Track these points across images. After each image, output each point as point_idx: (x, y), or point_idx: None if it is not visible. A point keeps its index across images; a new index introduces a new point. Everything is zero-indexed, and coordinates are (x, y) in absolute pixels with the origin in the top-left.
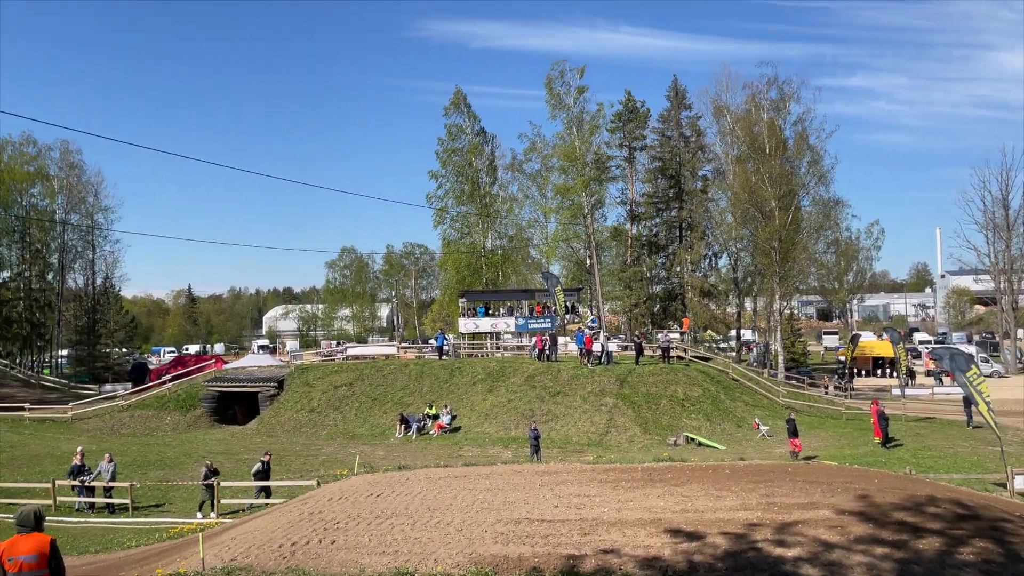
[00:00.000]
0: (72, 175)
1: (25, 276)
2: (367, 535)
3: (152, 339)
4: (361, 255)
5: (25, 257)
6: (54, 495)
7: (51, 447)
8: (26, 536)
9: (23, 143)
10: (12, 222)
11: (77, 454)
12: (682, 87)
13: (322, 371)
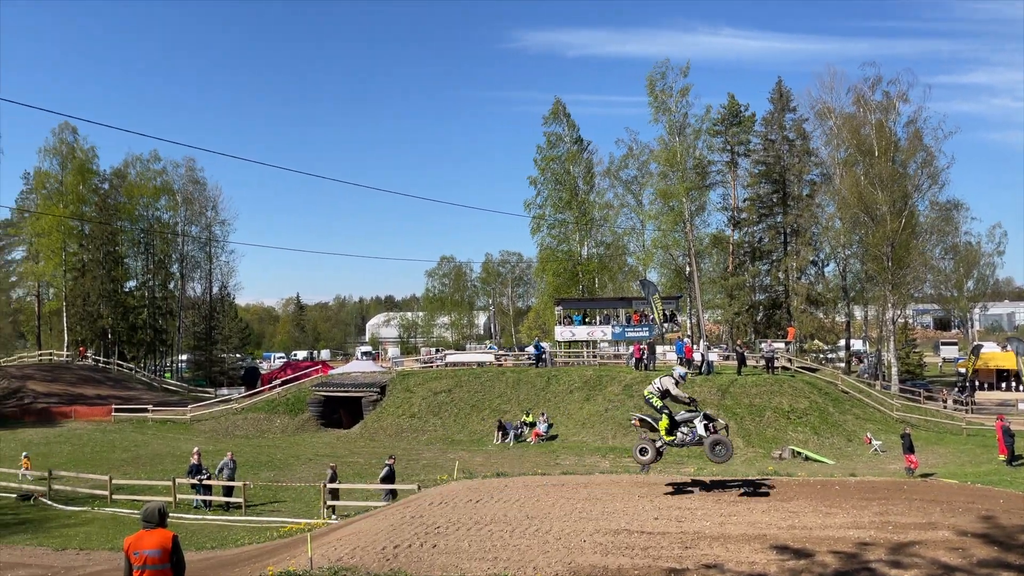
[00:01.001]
0: (194, 190)
1: (149, 285)
2: (467, 540)
3: (263, 345)
4: (459, 264)
5: (149, 267)
6: (174, 492)
7: (172, 447)
8: (151, 532)
9: (151, 160)
10: (138, 234)
11: (194, 454)
12: (786, 89)
13: (422, 377)
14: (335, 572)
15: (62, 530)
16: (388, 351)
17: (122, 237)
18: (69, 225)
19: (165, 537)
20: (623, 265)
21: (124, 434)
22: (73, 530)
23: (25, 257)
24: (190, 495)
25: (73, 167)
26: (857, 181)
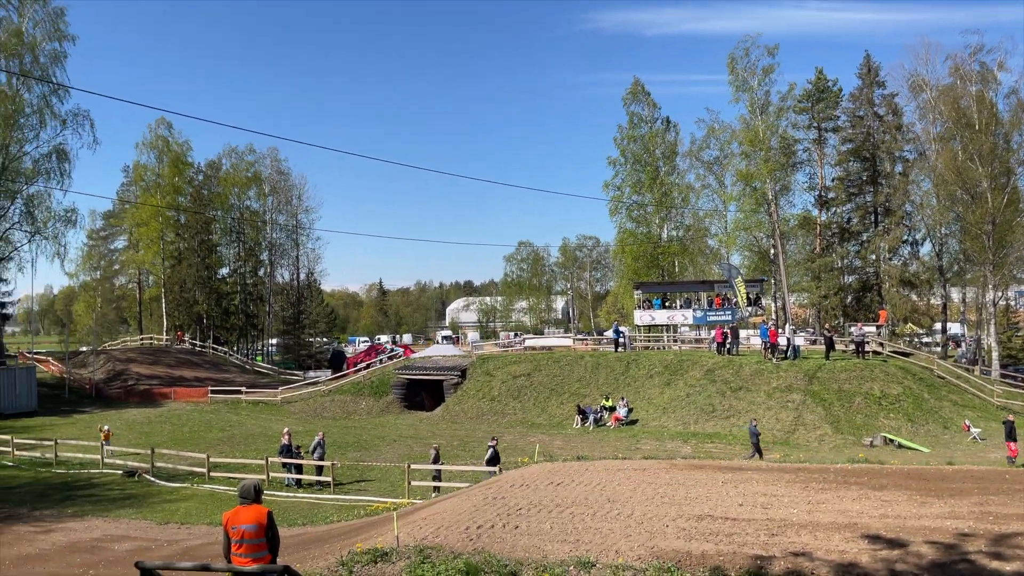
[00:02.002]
0: (280, 179)
1: (241, 272)
2: (548, 523)
3: (348, 329)
4: (537, 248)
5: (240, 254)
6: (267, 471)
7: (264, 427)
8: (247, 507)
9: (244, 152)
10: (231, 223)
11: (285, 434)
12: (875, 63)
13: (501, 361)
14: (420, 550)
15: (164, 505)
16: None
17: (215, 226)
18: (166, 215)
19: (261, 513)
20: (704, 248)
21: (220, 415)
22: (174, 505)
23: (127, 246)
24: (282, 473)
25: (169, 160)
26: (955, 156)
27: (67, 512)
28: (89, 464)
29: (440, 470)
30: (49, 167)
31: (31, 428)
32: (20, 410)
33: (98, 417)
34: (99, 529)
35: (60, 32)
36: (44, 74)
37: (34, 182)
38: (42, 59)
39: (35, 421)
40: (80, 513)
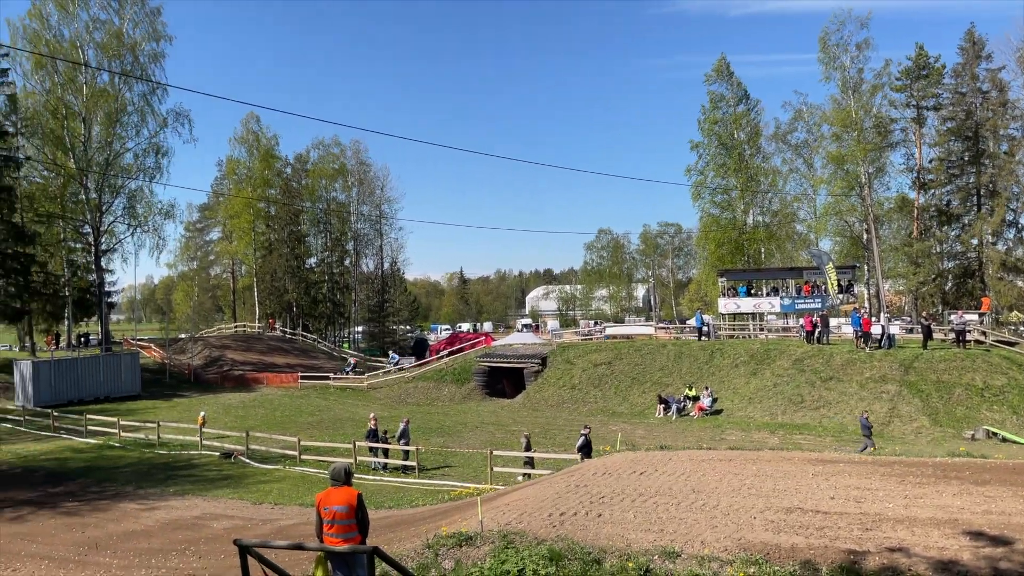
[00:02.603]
0: (363, 171)
1: (328, 261)
2: (632, 512)
3: (430, 317)
4: (617, 236)
5: (327, 244)
6: (355, 455)
7: (351, 412)
8: (338, 489)
9: (331, 145)
10: (318, 214)
11: (372, 420)
12: (979, 36)
13: (581, 350)
14: (504, 535)
15: (258, 486)
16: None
17: (303, 217)
18: (257, 207)
19: (351, 495)
20: (792, 233)
21: (309, 399)
22: (268, 486)
23: (221, 237)
24: (369, 457)
25: (259, 154)
26: None
27: (169, 491)
28: (189, 446)
29: (532, 457)
30: (149, 163)
31: (135, 411)
32: (125, 394)
33: (196, 401)
34: (199, 508)
35: (158, 32)
36: (144, 73)
37: (135, 178)
38: (142, 59)
39: (139, 404)
40: (181, 492)
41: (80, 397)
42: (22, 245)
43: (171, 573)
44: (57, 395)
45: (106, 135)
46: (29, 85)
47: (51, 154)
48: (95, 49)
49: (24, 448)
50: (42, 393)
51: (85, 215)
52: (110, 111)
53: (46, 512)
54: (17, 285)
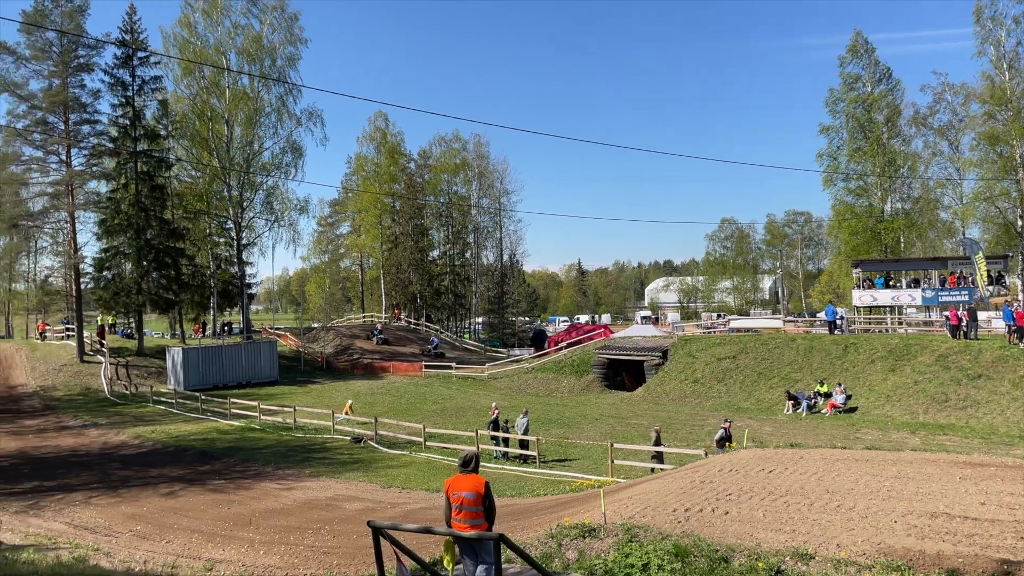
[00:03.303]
0: (483, 164)
1: (450, 254)
2: (760, 510)
3: (548, 309)
4: (741, 225)
5: (449, 237)
6: (477, 443)
7: (472, 401)
8: (467, 475)
9: (452, 140)
10: (440, 208)
11: (493, 409)
12: None
13: (704, 343)
14: (628, 529)
15: (387, 470)
16: (668, 316)
17: (427, 211)
18: (384, 202)
19: (479, 482)
20: (934, 221)
21: (433, 388)
22: (395, 471)
23: (350, 231)
24: (490, 446)
25: (386, 150)
26: None
27: (305, 472)
28: (322, 430)
29: (661, 452)
30: (285, 161)
31: (273, 396)
32: (264, 379)
33: (328, 387)
34: (332, 489)
35: (295, 36)
36: (281, 76)
37: (272, 175)
38: (279, 62)
39: (276, 389)
40: (316, 474)
41: (224, 382)
42: (173, 240)
43: (308, 550)
44: (204, 380)
45: (246, 135)
46: (179, 90)
47: (197, 154)
48: (236, 54)
49: (176, 428)
50: (191, 378)
51: (228, 211)
52: (250, 112)
53: (195, 488)
54: (168, 277)
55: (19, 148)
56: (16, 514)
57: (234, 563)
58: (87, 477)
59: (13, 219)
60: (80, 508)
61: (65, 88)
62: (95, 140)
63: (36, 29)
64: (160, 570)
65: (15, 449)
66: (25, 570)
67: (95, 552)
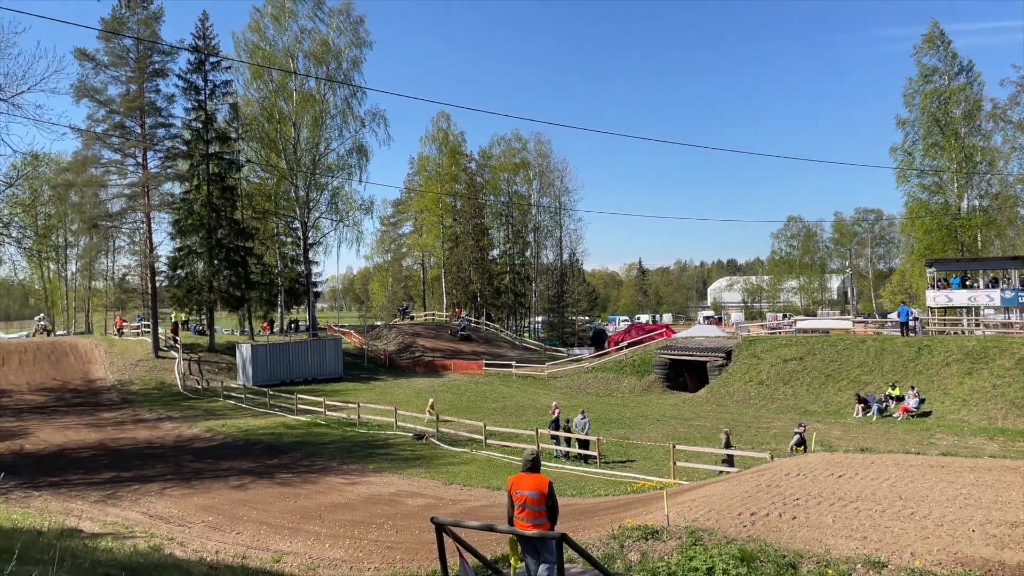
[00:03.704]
0: (544, 164)
1: (509, 253)
2: (830, 516)
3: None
4: (808, 224)
5: (509, 236)
6: (537, 442)
7: (532, 400)
8: (529, 474)
9: (512, 140)
10: (500, 207)
11: (553, 409)
12: None
13: (770, 344)
14: (692, 532)
15: (448, 467)
16: (731, 316)
17: (487, 210)
18: (445, 202)
19: (542, 481)
20: (1014, 218)
21: (493, 386)
22: (456, 468)
23: (412, 231)
24: (550, 445)
25: (447, 151)
26: None
27: (369, 468)
28: (385, 426)
29: (732, 455)
30: (350, 162)
31: (338, 392)
32: (329, 376)
33: (391, 384)
34: (395, 485)
35: (360, 39)
36: (346, 78)
37: (338, 176)
38: (344, 65)
39: (341, 386)
40: (379, 469)
41: (291, 378)
42: (242, 240)
43: (372, 544)
44: (272, 376)
45: (313, 137)
46: (248, 94)
47: (266, 156)
48: (304, 57)
49: (245, 423)
50: (259, 374)
51: (295, 211)
52: (316, 115)
53: (264, 481)
54: (238, 276)
55: (99, 151)
56: (95, 503)
57: (301, 555)
58: (162, 468)
59: (93, 219)
60: (155, 498)
61: (141, 93)
62: (169, 143)
63: (114, 36)
64: (231, 560)
65: (95, 441)
66: (104, 557)
67: (169, 541)
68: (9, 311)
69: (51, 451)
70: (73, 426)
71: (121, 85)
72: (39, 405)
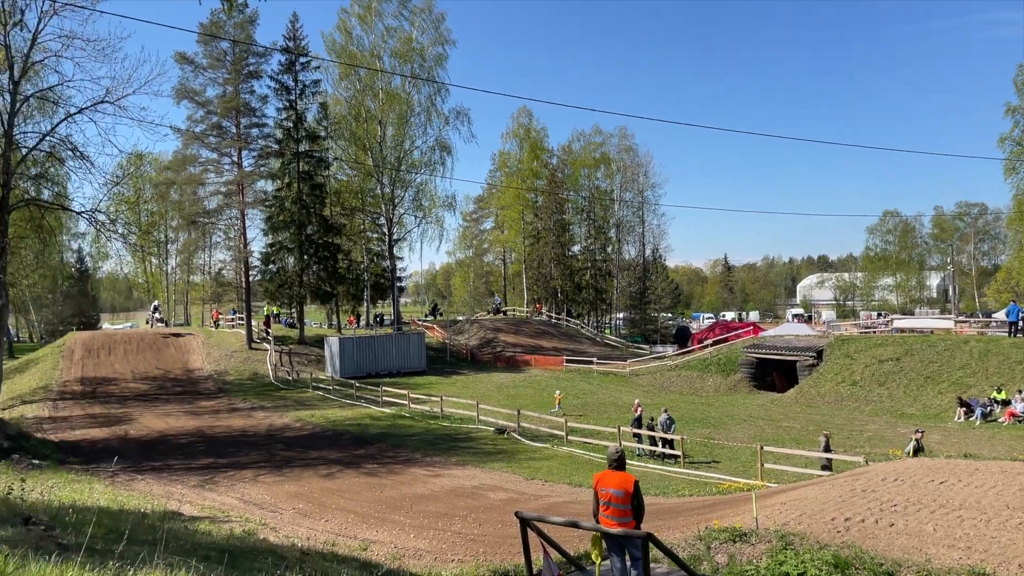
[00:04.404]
0: (627, 158)
1: (591, 249)
2: (931, 524)
3: (692, 305)
4: (906, 218)
5: (591, 232)
6: (619, 439)
7: (613, 397)
8: (615, 472)
9: (592, 134)
10: (581, 202)
11: (636, 407)
12: None
13: (863, 343)
14: (782, 536)
15: (529, 462)
16: (822, 314)
17: (568, 206)
18: (526, 198)
19: (627, 480)
20: None
21: (573, 382)
22: (538, 463)
23: (493, 227)
24: (632, 443)
25: (528, 146)
26: None
27: (451, 460)
28: (467, 420)
29: (831, 459)
30: (434, 159)
31: (421, 385)
32: (413, 369)
33: (472, 379)
34: (476, 478)
35: (442, 37)
36: (430, 76)
37: (422, 173)
38: (428, 62)
39: (424, 379)
40: (461, 462)
41: (376, 371)
42: (331, 236)
43: (455, 536)
44: (358, 368)
45: (398, 135)
46: (337, 93)
47: (353, 154)
48: (389, 56)
49: (333, 413)
50: (346, 366)
51: (380, 208)
52: (401, 112)
53: (351, 471)
54: (327, 271)
55: (197, 151)
56: (194, 488)
57: (387, 544)
58: (255, 456)
59: (191, 216)
60: (249, 485)
61: (237, 94)
62: (263, 142)
63: (212, 40)
64: (321, 547)
65: (193, 428)
66: (203, 540)
67: (262, 527)
68: (115, 303)
69: (153, 437)
70: (173, 413)
71: (218, 87)
72: (142, 393)
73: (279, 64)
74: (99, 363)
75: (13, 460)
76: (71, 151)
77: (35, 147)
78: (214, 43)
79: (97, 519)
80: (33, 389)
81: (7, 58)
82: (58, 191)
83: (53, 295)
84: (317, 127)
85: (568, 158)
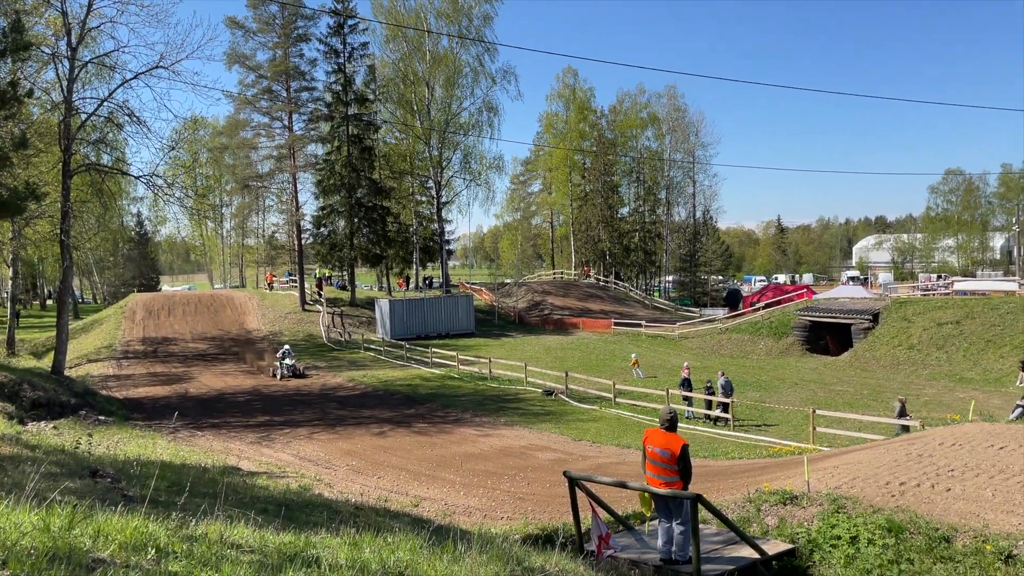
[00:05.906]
0: (677, 117)
1: (640, 211)
2: (989, 489)
3: (743, 268)
4: (970, 176)
5: (639, 194)
6: (668, 401)
7: (663, 360)
8: (662, 432)
9: (637, 94)
10: (630, 164)
11: (685, 369)
12: None
13: (922, 306)
14: (834, 499)
15: (577, 423)
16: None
17: (616, 167)
18: (573, 159)
19: (674, 441)
20: None
21: (622, 345)
22: (586, 424)
23: (541, 189)
24: (681, 406)
25: (575, 107)
26: None
27: (500, 421)
28: (516, 381)
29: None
30: (481, 120)
31: (470, 347)
32: (461, 331)
33: (520, 341)
34: (525, 438)
35: None
36: (477, 35)
37: (470, 134)
38: (475, 22)
39: (472, 341)
40: (510, 423)
41: (425, 332)
42: (380, 199)
43: (504, 495)
44: (408, 330)
45: (446, 96)
46: (384, 55)
47: (402, 116)
48: (435, 17)
49: (384, 374)
50: (396, 328)
51: (429, 171)
52: (449, 74)
53: (402, 430)
54: (376, 234)
55: (249, 115)
56: (251, 444)
57: (438, 501)
58: (309, 414)
59: (244, 180)
60: (304, 442)
61: (287, 58)
62: (312, 106)
63: (261, 3)
64: (374, 503)
65: (250, 387)
66: (261, 494)
67: (317, 482)
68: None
69: (212, 395)
70: (231, 372)
71: (268, 51)
72: (201, 352)
73: (327, 27)
74: (159, 323)
75: (80, 416)
76: (128, 116)
77: (94, 112)
78: (264, 6)
79: (160, 472)
80: (98, 348)
81: (64, 24)
82: (117, 156)
83: (115, 258)
84: (365, 90)
85: (617, 118)
